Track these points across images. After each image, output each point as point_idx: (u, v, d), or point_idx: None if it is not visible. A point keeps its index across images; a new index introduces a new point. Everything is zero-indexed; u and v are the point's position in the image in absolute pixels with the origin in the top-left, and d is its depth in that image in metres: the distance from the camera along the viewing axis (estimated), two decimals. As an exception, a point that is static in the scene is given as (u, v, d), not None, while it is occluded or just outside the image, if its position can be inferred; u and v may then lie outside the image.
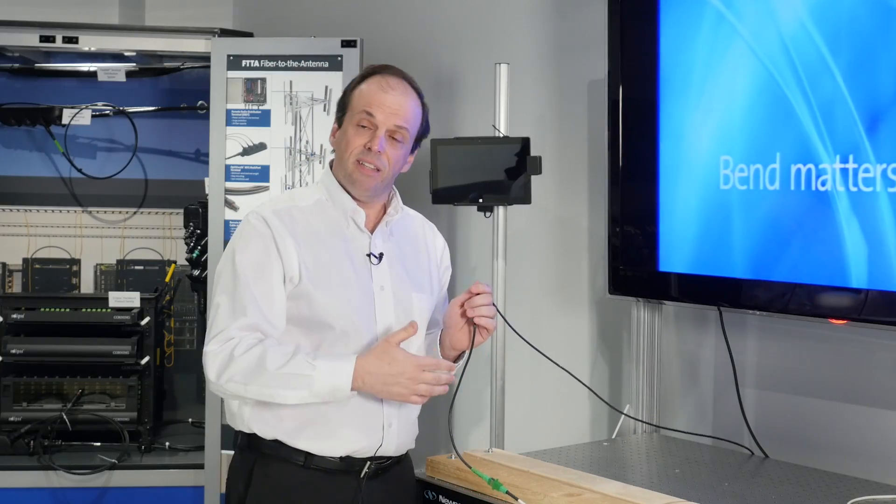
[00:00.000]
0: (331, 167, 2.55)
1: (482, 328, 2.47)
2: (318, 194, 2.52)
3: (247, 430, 2.47)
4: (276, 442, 2.44)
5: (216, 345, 2.37)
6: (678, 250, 3.16)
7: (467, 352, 2.56)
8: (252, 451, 2.47)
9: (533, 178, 3.36)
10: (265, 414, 2.43)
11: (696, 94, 3.08)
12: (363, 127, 2.44)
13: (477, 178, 3.37)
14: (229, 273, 2.42)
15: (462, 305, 2.48)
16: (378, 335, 2.46)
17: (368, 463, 2.47)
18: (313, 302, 2.41)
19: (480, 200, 3.36)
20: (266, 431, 2.44)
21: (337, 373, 2.33)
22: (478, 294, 2.46)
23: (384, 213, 2.56)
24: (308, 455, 2.43)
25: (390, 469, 2.54)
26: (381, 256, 2.51)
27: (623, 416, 3.35)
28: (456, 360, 2.57)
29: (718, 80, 3.02)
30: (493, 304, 2.51)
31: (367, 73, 2.51)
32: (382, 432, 2.47)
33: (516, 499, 2.41)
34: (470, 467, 2.52)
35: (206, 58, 4.11)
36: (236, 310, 2.38)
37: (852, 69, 2.69)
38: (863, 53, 2.67)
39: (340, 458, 2.44)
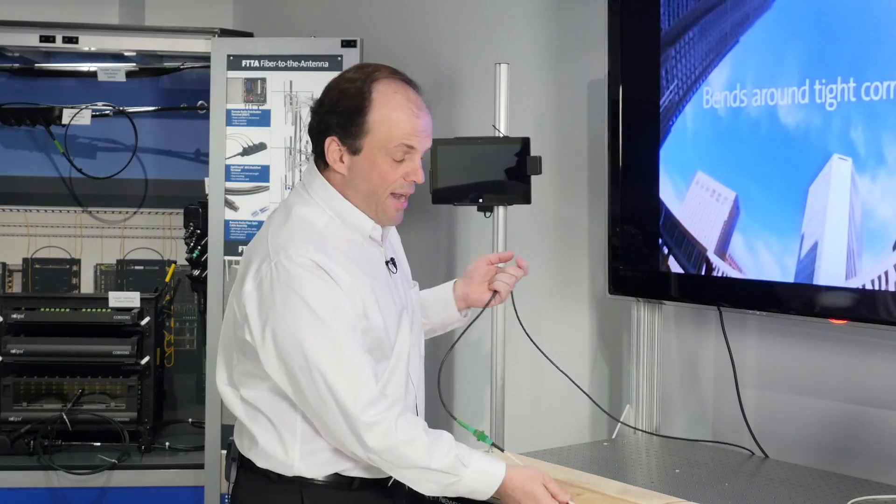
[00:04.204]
0: (324, 179, 2.34)
1: (498, 293, 2.52)
2: (324, 215, 2.31)
3: (290, 475, 2.29)
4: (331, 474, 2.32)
5: (367, 413, 2.18)
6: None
7: (478, 310, 2.61)
8: (291, 482, 2.29)
9: (533, 178, 3.36)
10: (319, 457, 2.29)
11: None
12: (398, 160, 2.27)
13: (477, 178, 3.37)
14: (316, 333, 2.19)
15: (491, 263, 2.54)
16: (398, 350, 2.34)
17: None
18: (373, 332, 2.27)
19: (480, 200, 3.37)
20: (322, 472, 2.30)
21: (484, 479, 2.25)
22: (517, 267, 2.54)
23: None
24: (356, 479, 2.32)
25: None
26: (394, 263, 2.41)
27: (621, 420, 3.35)
28: (462, 312, 2.61)
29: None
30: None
31: (370, 87, 2.27)
32: None
33: (503, 450, 2.42)
34: (455, 419, 2.57)
35: (206, 58, 4.11)
36: (352, 367, 2.20)
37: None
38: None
39: (387, 477, 2.34)
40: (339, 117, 2.28)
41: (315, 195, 2.33)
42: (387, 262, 2.39)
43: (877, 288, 2.67)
